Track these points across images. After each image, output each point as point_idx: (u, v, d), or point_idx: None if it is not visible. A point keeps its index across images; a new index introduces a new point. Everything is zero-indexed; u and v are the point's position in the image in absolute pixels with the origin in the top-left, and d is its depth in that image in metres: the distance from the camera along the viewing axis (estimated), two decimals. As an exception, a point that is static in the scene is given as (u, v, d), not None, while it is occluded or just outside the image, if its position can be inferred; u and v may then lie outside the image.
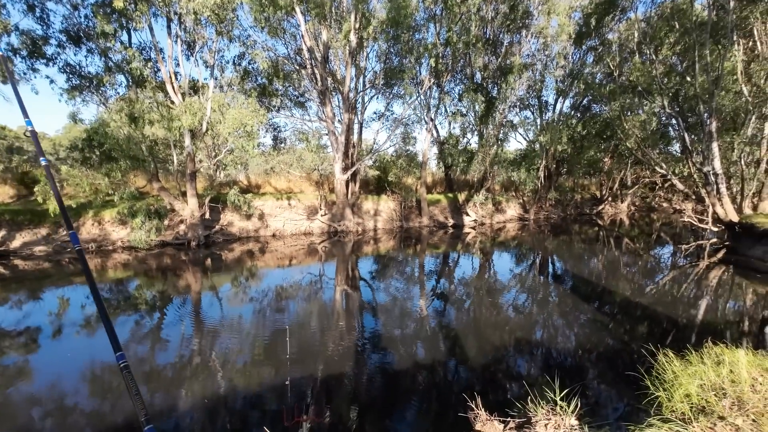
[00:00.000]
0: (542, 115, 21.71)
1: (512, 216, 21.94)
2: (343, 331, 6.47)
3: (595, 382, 4.53)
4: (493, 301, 8.04)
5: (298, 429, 1.80)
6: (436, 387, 4.59)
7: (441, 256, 13.39)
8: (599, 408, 3.64)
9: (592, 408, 3.40)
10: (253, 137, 13.20)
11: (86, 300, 8.37)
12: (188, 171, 13.47)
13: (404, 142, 20.27)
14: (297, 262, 12.09)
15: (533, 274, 10.75)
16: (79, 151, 12.41)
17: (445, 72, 17.82)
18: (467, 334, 6.22)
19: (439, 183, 23.86)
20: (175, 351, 5.78)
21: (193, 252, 13.07)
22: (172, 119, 12.09)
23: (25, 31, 12.48)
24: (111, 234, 13.49)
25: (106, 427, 3.87)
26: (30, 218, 12.72)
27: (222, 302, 8.37)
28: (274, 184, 19.38)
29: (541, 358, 5.37)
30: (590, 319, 6.79)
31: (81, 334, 6.46)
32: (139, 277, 10.27)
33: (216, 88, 14.02)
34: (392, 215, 18.98)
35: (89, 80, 13.32)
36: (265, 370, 5.01)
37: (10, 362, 5.41)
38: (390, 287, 9.31)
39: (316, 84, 16.23)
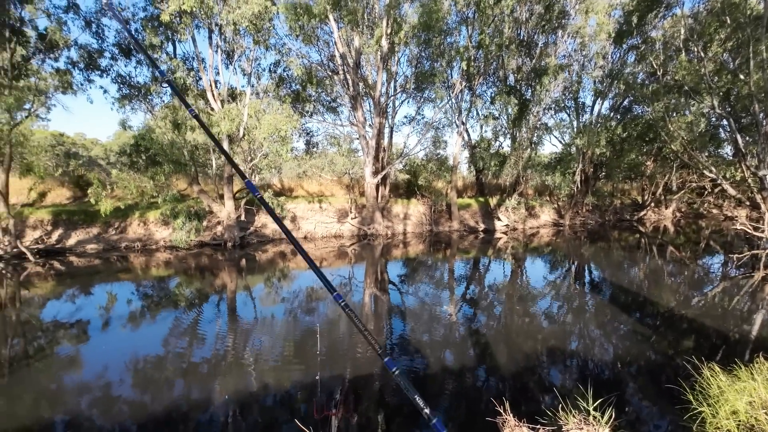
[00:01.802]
0: (579, 118, 20.95)
1: (546, 221, 21.27)
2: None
3: (632, 394, 4.31)
4: (525, 309, 7.83)
5: (327, 423, 1.85)
6: (464, 391, 4.53)
7: (471, 261, 13.19)
8: (636, 421, 3.45)
9: (629, 420, 3.23)
10: (287, 142, 13.59)
11: (131, 295, 8.90)
12: (225, 174, 14.04)
13: (435, 145, 20.18)
14: (327, 264, 12.29)
15: (568, 281, 10.37)
16: (128, 156, 13.26)
17: (477, 75, 17.61)
18: (497, 341, 6.09)
19: (470, 187, 23.54)
20: (212, 346, 6.03)
21: (229, 252, 13.59)
22: (211, 125, 12.67)
23: (82, 46, 13.53)
24: (155, 234, 14.28)
25: (147, 415, 4.10)
26: (83, 218, 13.70)
27: (256, 301, 8.65)
28: (306, 187, 19.82)
29: (574, 367, 5.18)
30: (630, 330, 6.46)
31: (126, 327, 6.87)
32: (179, 276, 10.80)
33: (252, 95, 14.57)
34: (422, 219, 18.91)
35: (138, 90, 14.23)
36: (297, 366, 5.14)
37: (64, 352, 5.84)
38: (419, 291, 9.28)
39: (348, 89, 16.51)
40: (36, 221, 13.13)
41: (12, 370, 5.20)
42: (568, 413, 2.40)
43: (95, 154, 30.00)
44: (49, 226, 13.23)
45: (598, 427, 2.23)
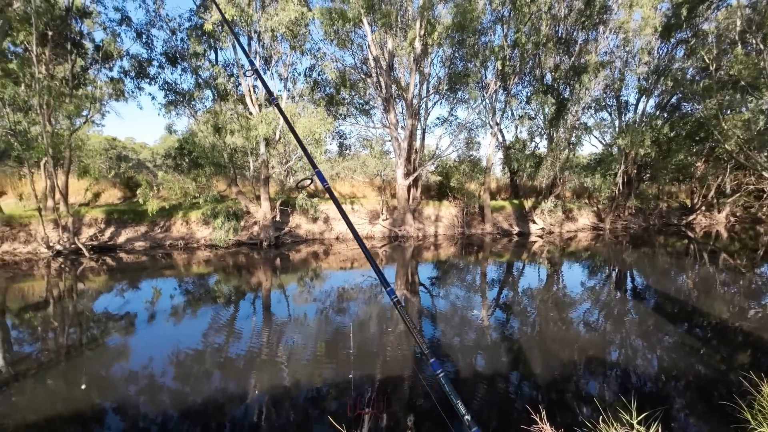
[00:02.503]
0: (621, 117, 19.96)
1: (585, 225, 20.41)
2: (401, 335, 6.51)
3: (680, 409, 4.05)
4: (561, 315, 7.55)
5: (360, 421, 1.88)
6: (497, 397, 4.43)
7: (504, 264, 12.89)
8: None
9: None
10: (321, 144, 13.87)
11: (174, 291, 9.39)
12: (262, 176, 14.52)
13: (467, 147, 19.91)
14: (358, 265, 12.41)
15: (608, 288, 9.89)
16: (172, 159, 14.03)
17: (512, 74, 17.21)
18: (532, 347, 5.91)
19: (504, 189, 23.00)
20: (247, 341, 6.25)
21: (265, 252, 14.03)
22: (249, 129, 13.16)
23: (133, 55, 14.46)
24: (196, 233, 14.99)
25: (188, 405, 4.30)
26: (133, 217, 14.61)
27: (289, 299, 8.88)
28: (339, 189, 20.12)
29: (615, 378, 4.93)
30: (677, 342, 6.07)
31: (169, 321, 7.25)
32: (218, 273, 11.28)
33: (288, 99, 14.99)
34: (453, 221, 18.69)
35: (183, 96, 15.02)
36: (329, 364, 5.22)
37: (114, 342, 6.25)
38: (450, 294, 9.18)
39: (381, 92, 16.62)
40: (91, 219, 14.14)
41: (69, 357, 5.63)
42: (609, 425, 2.29)
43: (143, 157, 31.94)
44: (102, 224, 14.21)
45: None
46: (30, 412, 4.19)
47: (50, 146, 11.59)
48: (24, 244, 12.76)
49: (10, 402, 4.40)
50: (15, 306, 8.15)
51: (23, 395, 4.55)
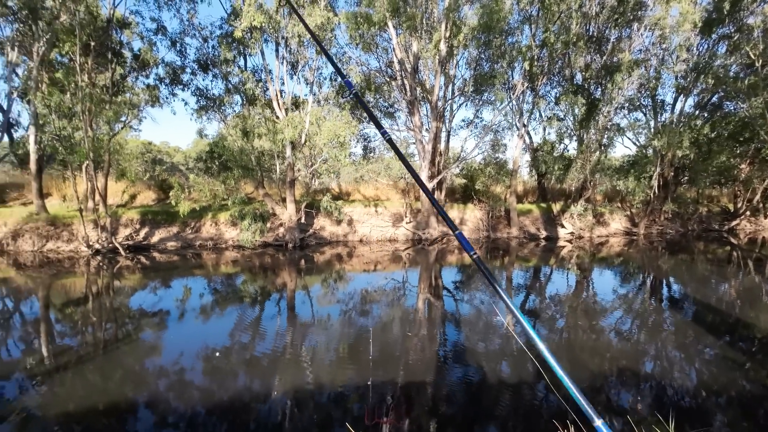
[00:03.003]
0: (657, 117, 19.11)
1: (617, 230, 19.62)
2: (424, 340, 6.44)
3: (721, 427, 3.77)
4: (591, 323, 7.26)
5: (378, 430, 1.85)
6: (521, 408, 4.29)
7: (531, 269, 12.55)
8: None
9: None
10: (346, 147, 13.99)
11: (203, 290, 9.68)
12: (288, 179, 14.79)
13: (493, 149, 19.53)
14: (382, 267, 12.40)
15: (642, 296, 9.44)
16: (203, 162, 14.51)
17: (541, 75, 16.80)
18: (559, 357, 5.69)
19: (531, 192, 22.45)
20: (271, 341, 6.35)
21: (290, 253, 14.26)
22: (276, 132, 13.43)
23: (168, 63, 15.08)
24: (224, 234, 15.42)
25: (214, 401, 4.40)
26: (165, 218, 15.20)
27: (313, 301, 8.97)
28: (363, 191, 20.23)
29: (650, 392, 4.67)
30: (718, 356, 5.71)
31: (198, 319, 7.47)
32: (245, 273, 11.55)
33: (314, 103, 15.22)
34: (479, 225, 18.39)
35: (213, 101, 15.53)
36: (349, 368, 5.22)
37: (147, 338, 6.49)
38: (474, 299, 9.01)
39: (406, 94, 16.61)
40: (127, 220, 14.81)
41: (105, 351, 5.89)
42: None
43: (177, 160, 33.23)
44: (138, 225, 14.85)
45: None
46: (70, 402, 4.41)
47: (91, 150, 12.23)
48: (66, 243, 13.51)
49: (53, 392, 4.64)
50: (58, 301, 8.62)
51: (64, 386, 4.79)
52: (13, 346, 6.20)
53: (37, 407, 4.30)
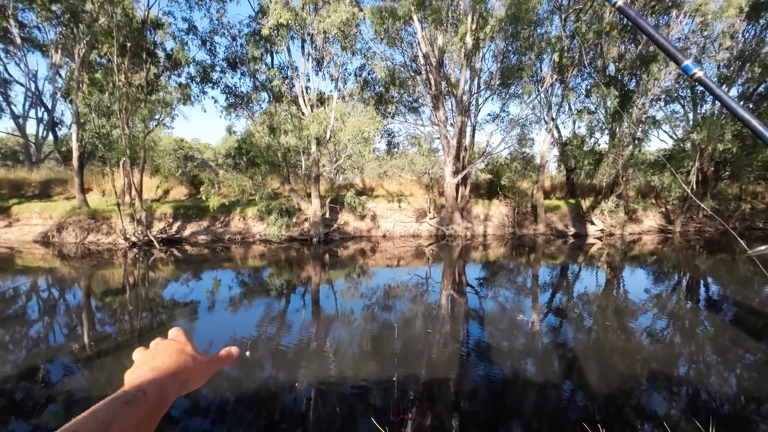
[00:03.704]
0: (696, 108, 18.13)
1: (650, 227, 18.82)
2: (447, 336, 6.42)
3: None
4: (621, 324, 7.02)
5: (402, 426, 1.87)
6: (547, 409, 4.21)
7: (558, 267, 12.24)
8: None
9: None
10: (370, 143, 14.04)
11: (231, 282, 9.99)
12: (313, 174, 15.00)
13: (520, 143, 19.10)
14: (405, 263, 12.42)
15: (677, 297, 9.03)
16: (232, 158, 14.91)
17: (571, 66, 16.25)
18: (587, 358, 5.55)
19: (559, 188, 21.83)
20: (297, 334, 6.49)
21: (314, 247, 14.50)
22: (302, 129, 13.64)
23: (199, 62, 15.55)
24: (252, 228, 15.84)
25: (242, 390, 4.56)
26: (196, 213, 15.76)
27: (337, 295, 9.09)
28: (387, 187, 20.27)
29: (686, 398, 4.47)
30: (761, 361, 5.40)
31: (227, 310, 7.73)
32: (271, 267, 11.84)
33: (339, 99, 15.33)
34: (504, 221, 18.07)
35: (241, 98, 15.92)
36: (373, 363, 5.28)
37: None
38: (498, 296, 8.88)
39: (430, 89, 16.46)
40: (161, 214, 15.45)
41: (141, 339, 6.19)
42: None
43: (207, 156, 34.28)
44: (171, 219, 15.47)
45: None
46: (109, 387, 4.67)
47: (128, 147, 12.81)
48: (106, 235, 14.25)
49: (94, 377, 4.94)
50: (98, 291, 9.12)
51: (104, 371, 5.08)
52: (58, 332, 6.62)
53: (80, 390, 4.58)
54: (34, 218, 14.76)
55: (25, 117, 22.35)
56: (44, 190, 17.23)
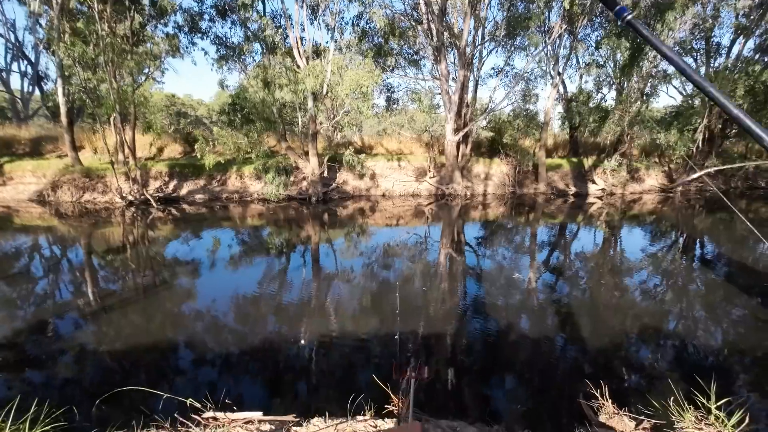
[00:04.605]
0: (710, 62, 17.38)
1: (652, 186, 18.70)
2: (446, 295, 6.51)
3: None
4: (618, 282, 7.12)
5: (403, 384, 1.88)
6: (543, 365, 4.33)
7: (557, 227, 12.27)
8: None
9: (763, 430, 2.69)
10: (368, 98, 13.53)
11: (231, 241, 10.01)
12: (310, 132, 14.60)
13: (524, 100, 18.46)
14: (404, 222, 12.41)
15: (673, 255, 9.11)
16: (226, 115, 14.42)
17: (581, 15, 15.31)
18: (583, 315, 5.66)
19: (562, 146, 21.41)
20: (298, 291, 6.58)
21: (313, 207, 14.43)
22: (297, 83, 13.07)
23: (186, 9, 14.59)
24: (249, 187, 15.67)
25: (246, 344, 4.66)
26: (192, 171, 15.50)
27: (336, 254, 9.15)
28: (386, 145, 19.85)
29: (686, 355, 4.54)
30: (760, 319, 5.50)
31: (228, 268, 7.79)
32: (270, 226, 11.83)
33: (336, 51, 14.56)
34: (504, 180, 17.90)
35: (233, 50, 15.12)
36: (374, 320, 5.37)
37: (182, 284, 6.84)
38: (497, 255, 8.95)
39: (432, 40, 15.62)
40: (156, 173, 15.20)
41: (146, 295, 6.27)
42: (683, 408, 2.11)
43: (200, 113, 33.24)
44: (166, 177, 15.25)
45: (723, 429, 1.92)
46: (117, 340, 4.77)
47: (117, 102, 12.31)
48: (101, 194, 14.10)
49: (102, 331, 5.03)
50: (100, 249, 9.14)
51: (111, 325, 5.18)
52: (64, 289, 6.70)
53: (91, 343, 4.68)
54: (27, 177, 14.52)
55: (8, 71, 21.36)
56: (35, 148, 16.82)
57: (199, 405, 2.22)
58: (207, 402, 2.27)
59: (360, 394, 2.43)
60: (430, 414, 2.32)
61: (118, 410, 3.00)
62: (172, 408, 2.29)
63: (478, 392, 3.68)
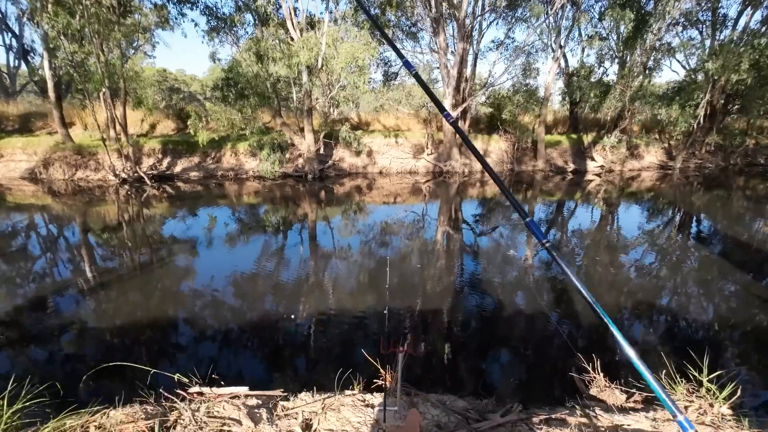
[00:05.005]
0: (715, 35, 16.93)
1: (651, 163, 18.58)
2: (442, 271, 6.53)
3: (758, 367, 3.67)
4: (613, 259, 7.14)
5: (394, 359, 1.87)
6: (536, 340, 4.37)
7: (554, 204, 12.23)
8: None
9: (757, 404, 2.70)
10: (365, 72, 13.18)
11: (227, 219, 9.95)
12: (305, 107, 14.28)
13: (524, 74, 18.04)
14: (401, 200, 12.34)
15: (669, 232, 9.12)
16: (219, 90, 14.04)
17: (585, -16, 14.77)
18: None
19: (562, 122, 21.11)
20: (294, 269, 6.57)
21: (309, 184, 14.30)
22: (291, 56, 12.68)
23: (173, -23, 13.95)
24: (244, 164, 15.47)
25: (244, 320, 4.68)
26: (186, 148, 15.25)
27: (333, 231, 9.12)
28: (383, 121, 19.50)
29: (679, 330, 4.59)
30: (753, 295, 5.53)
31: (225, 246, 7.76)
32: (267, 203, 11.74)
33: (330, 22, 14.06)
34: (503, 157, 17.73)
35: (224, 21, 14.56)
36: (366, 296, 5.39)
37: (180, 262, 6.82)
38: (493, 233, 8.94)
39: (430, 10, 15.10)
40: (149, 150, 14.96)
41: (143, 272, 6.26)
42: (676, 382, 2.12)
43: (194, 89, 32.45)
44: (160, 155, 15.01)
45: (714, 402, 1.93)
46: (117, 317, 4.78)
47: (105, 76, 11.95)
48: (94, 171, 13.90)
49: (102, 308, 5.03)
50: (96, 227, 9.06)
51: (110, 303, 5.18)
52: (62, 267, 6.67)
53: (91, 320, 4.69)
54: (18, 154, 14.27)
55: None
56: (24, 125, 16.45)
57: (187, 380, 2.21)
58: (194, 378, 2.26)
59: (348, 369, 2.44)
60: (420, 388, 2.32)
61: (104, 386, 3.01)
62: (160, 384, 2.29)
63: (469, 366, 3.72)
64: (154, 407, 2.05)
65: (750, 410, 1.93)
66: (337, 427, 1.93)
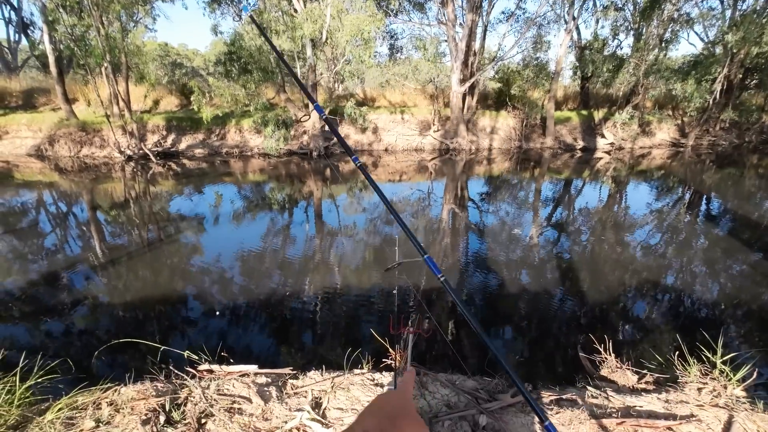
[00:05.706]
0: (736, 5, 16.14)
1: (662, 141, 18.15)
2: (447, 249, 6.52)
3: None
4: (622, 238, 7.07)
5: (401, 338, 1.87)
6: (545, 319, 4.39)
7: (562, 182, 12.06)
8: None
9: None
10: (370, 45, 12.81)
11: (234, 196, 9.95)
12: (310, 82, 13.99)
13: (535, 48, 17.46)
14: (407, 178, 12.24)
15: (678, 211, 8.98)
16: (222, 65, 13.76)
17: (603, -50, 14.04)
18: (586, 270, 5.66)
19: (572, 98, 20.57)
20: (301, 246, 6.60)
21: (315, 162, 14.19)
22: (294, 28, 12.33)
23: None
24: (249, 141, 15.35)
25: (252, 297, 4.74)
26: (190, 124, 15.12)
27: (339, 209, 9.10)
28: (389, 97, 19.12)
29: (692, 310, 4.54)
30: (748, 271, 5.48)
31: (232, 223, 7.79)
32: (272, 181, 11.71)
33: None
34: (511, 134, 17.40)
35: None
36: (374, 276, 5.41)
37: (187, 240, 6.87)
38: (500, 211, 8.87)
39: (438, -20, 14.50)
40: (153, 126, 14.85)
41: (151, 249, 6.32)
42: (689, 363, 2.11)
43: (197, 64, 31.87)
44: (164, 131, 14.91)
45: (728, 384, 1.93)
46: (128, 293, 4.86)
47: (106, 50, 11.73)
48: (99, 148, 13.88)
49: (112, 284, 5.11)
50: (104, 204, 9.12)
51: (121, 279, 5.26)
52: (72, 243, 6.75)
53: (100, 296, 4.77)
54: (23, 131, 14.25)
55: (-10, 17, 20.27)
56: (28, 101, 16.36)
57: (196, 357, 2.24)
58: (204, 355, 2.29)
59: (358, 348, 2.46)
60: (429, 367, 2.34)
61: (114, 363, 3.08)
62: (170, 360, 2.32)
63: (478, 345, 3.75)
64: (165, 384, 2.08)
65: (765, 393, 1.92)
66: (347, 405, 1.95)
